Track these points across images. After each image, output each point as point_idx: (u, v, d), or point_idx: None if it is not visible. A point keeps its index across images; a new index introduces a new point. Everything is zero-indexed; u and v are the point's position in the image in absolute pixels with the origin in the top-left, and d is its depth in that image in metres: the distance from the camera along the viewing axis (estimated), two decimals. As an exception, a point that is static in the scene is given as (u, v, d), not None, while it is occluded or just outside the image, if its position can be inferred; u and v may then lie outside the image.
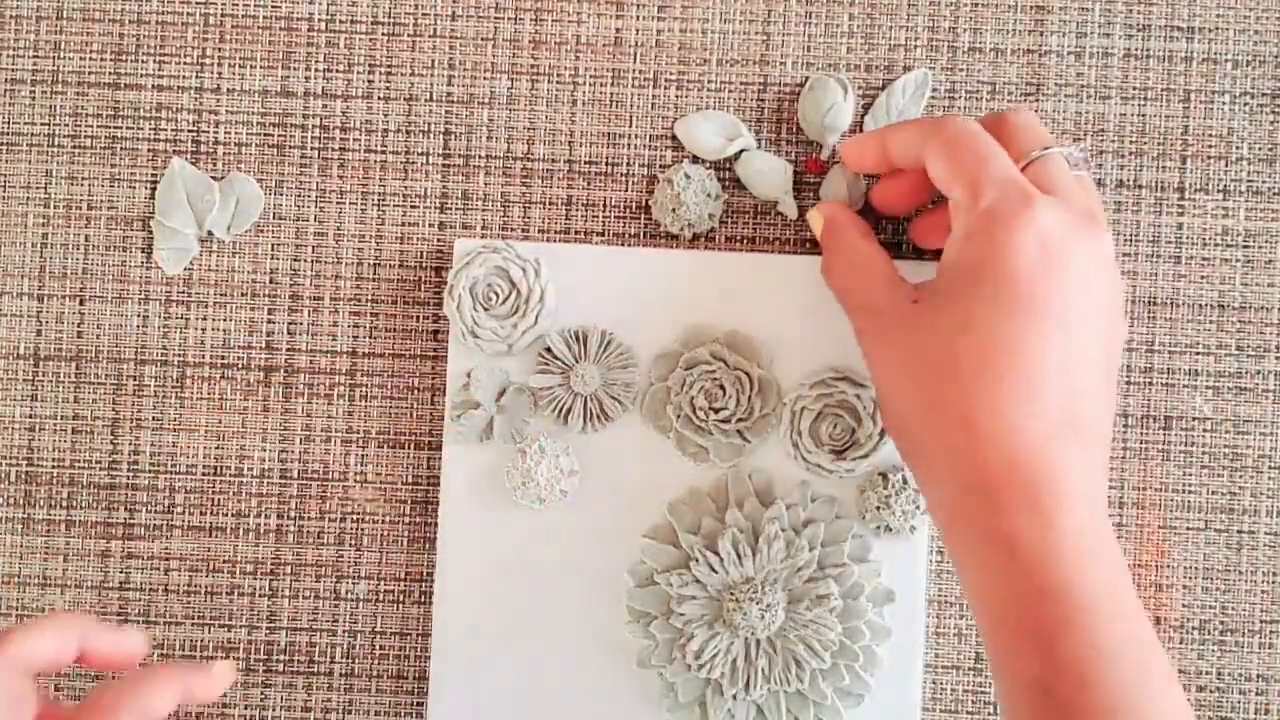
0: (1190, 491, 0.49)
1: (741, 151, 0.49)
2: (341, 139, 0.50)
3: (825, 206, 0.47)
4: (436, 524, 0.49)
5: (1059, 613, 0.38)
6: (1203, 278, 0.49)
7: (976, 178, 0.40)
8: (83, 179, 0.50)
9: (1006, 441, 0.39)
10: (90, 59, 0.51)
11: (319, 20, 0.50)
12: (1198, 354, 0.49)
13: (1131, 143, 0.50)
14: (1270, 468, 0.49)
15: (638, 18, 0.50)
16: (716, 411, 0.48)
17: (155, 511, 0.50)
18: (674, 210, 0.49)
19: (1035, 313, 0.39)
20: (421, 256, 0.50)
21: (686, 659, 0.47)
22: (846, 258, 0.45)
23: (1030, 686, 0.38)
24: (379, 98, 0.50)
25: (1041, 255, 0.39)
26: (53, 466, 0.50)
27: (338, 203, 0.50)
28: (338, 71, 0.50)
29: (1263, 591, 0.49)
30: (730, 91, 0.50)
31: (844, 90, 0.49)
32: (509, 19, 0.50)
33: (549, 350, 0.48)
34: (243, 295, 0.50)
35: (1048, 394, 0.39)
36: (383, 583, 0.50)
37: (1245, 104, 0.50)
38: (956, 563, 0.41)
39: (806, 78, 0.50)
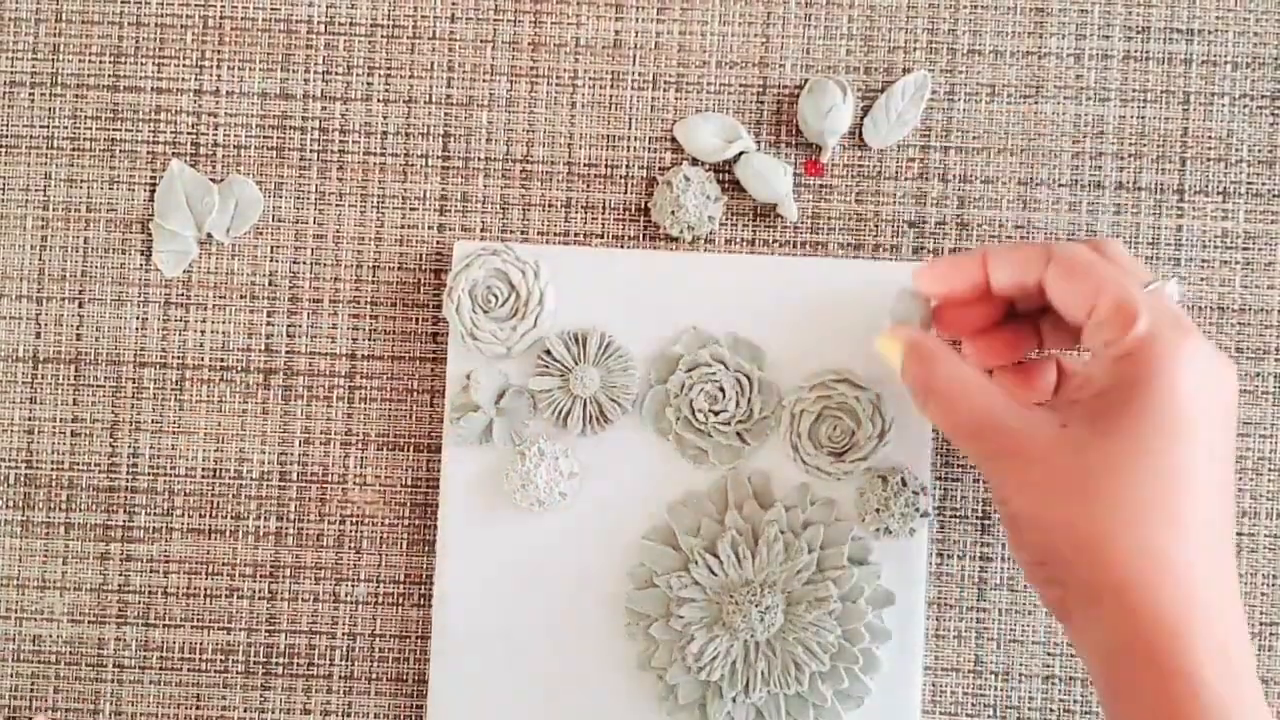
0: (1190, 494, 0.49)
1: (741, 154, 0.49)
2: (341, 141, 0.50)
3: (902, 332, 0.43)
4: (436, 526, 0.49)
5: None
6: (1202, 280, 0.49)
7: (1124, 301, 0.40)
8: (82, 181, 0.50)
9: (1185, 574, 0.38)
10: (89, 61, 0.51)
11: (318, 22, 0.50)
12: (1197, 356, 0.49)
13: (1131, 145, 0.50)
14: (1270, 470, 0.49)
15: (637, 20, 0.50)
16: (716, 414, 0.48)
17: (154, 514, 0.50)
18: (673, 212, 0.49)
19: (1198, 439, 0.39)
20: (421, 259, 0.50)
21: (686, 661, 0.47)
22: (954, 393, 0.42)
23: None
24: (378, 100, 0.50)
25: (1203, 384, 0.39)
26: (52, 469, 0.50)
27: (337, 205, 0.50)
28: (337, 74, 0.50)
29: (1262, 594, 0.49)
30: (729, 93, 0.50)
31: (843, 92, 0.49)
32: (508, 21, 0.50)
33: (548, 353, 0.48)
34: (242, 297, 0.50)
35: (1216, 520, 0.39)
36: (382, 585, 0.50)
37: (1245, 106, 0.50)
38: (1117, 711, 0.39)
39: (806, 79, 0.50)
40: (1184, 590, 0.38)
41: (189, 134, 0.50)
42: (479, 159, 0.50)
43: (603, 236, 0.50)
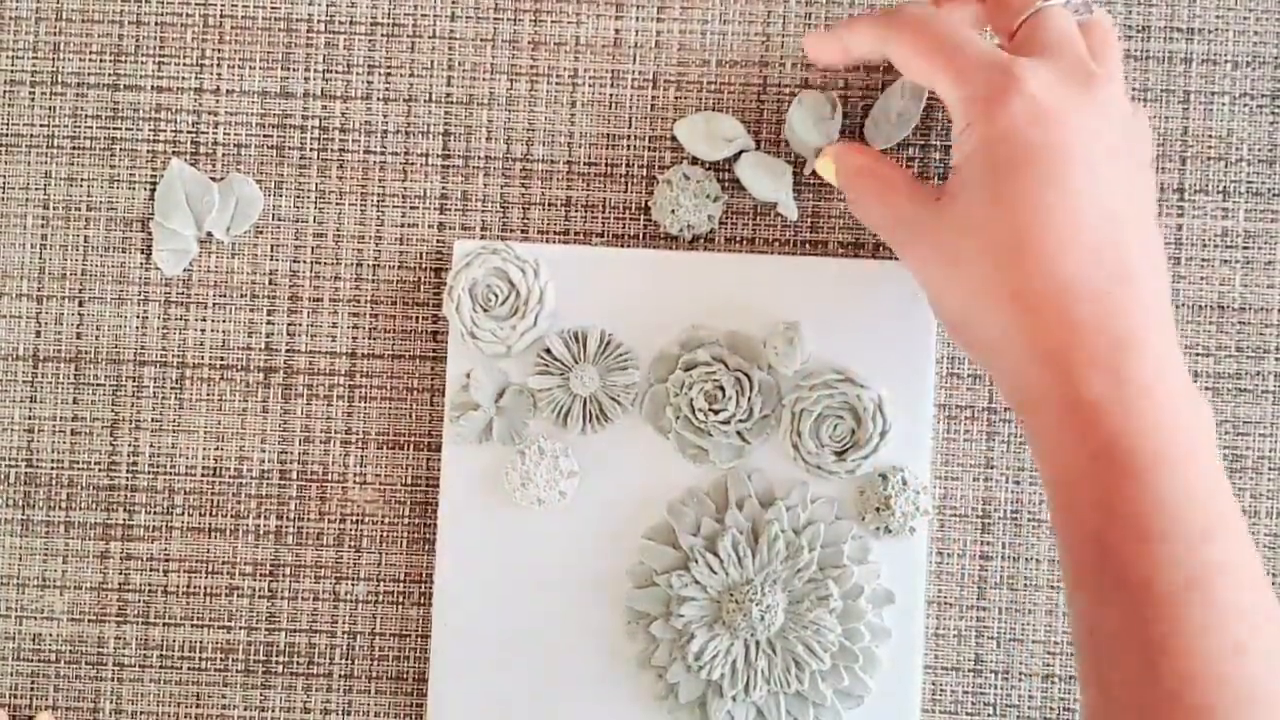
0: (1190, 493, 0.49)
1: (741, 152, 0.49)
2: (341, 140, 0.50)
3: (830, 149, 0.47)
4: (436, 525, 0.49)
5: (1122, 465, 0.37)
6: (1202, 279, 0.49)
7: (957, 69, 0.40)
8: (82, 180, 0.50)
9: (1059, 303, 0.38)
10: (90, 60, 0.51)
11: (318, 21, 0.50)
12: (1197, 355, 0.49)
13: (1131, 144, 0.50)
14: (1270, 469, 0.49)
15: (637, 19, 0.50)
16: (716, 413, 0.48)
17: (154, 513, 0.50)
18: (673, 211, 0.49)
19: (1051, 177, 0.39)
20: (421, 258, 0.50)
21: (686, 660, 0.47)
22: (867, 184, 0.45)
23: (1085, 542, 0.38)
24: (378, 99, 0.50)
25: (1038, 121, 0.39)
26: (52, 468, 0.50)
27: (337, 204, 0.50)
28: (337, 72, 0.50)
29: (1262, 593, 0.49)
30: (730, 93, 0.50)
31: (832, 108, 0.49)
32: (508, 20, 0.50)
33: (548, 351, 0.48)
34: (242, 296, 0.50)
35: (1087, 249, 0.39)
36: (382, 584, 0.50)
37: (1245, 105, 0.50)
38: (1031, 445, 0.40)
39: (805, 79, 0.50)
40: (1065, 315, 0.38)
41: (189, 133, 0.50)
42: (479, 158, 0.50)
43: (603, 235, 0.50)
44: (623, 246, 0.50)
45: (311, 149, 0.50)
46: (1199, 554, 0.37)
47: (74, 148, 0.50)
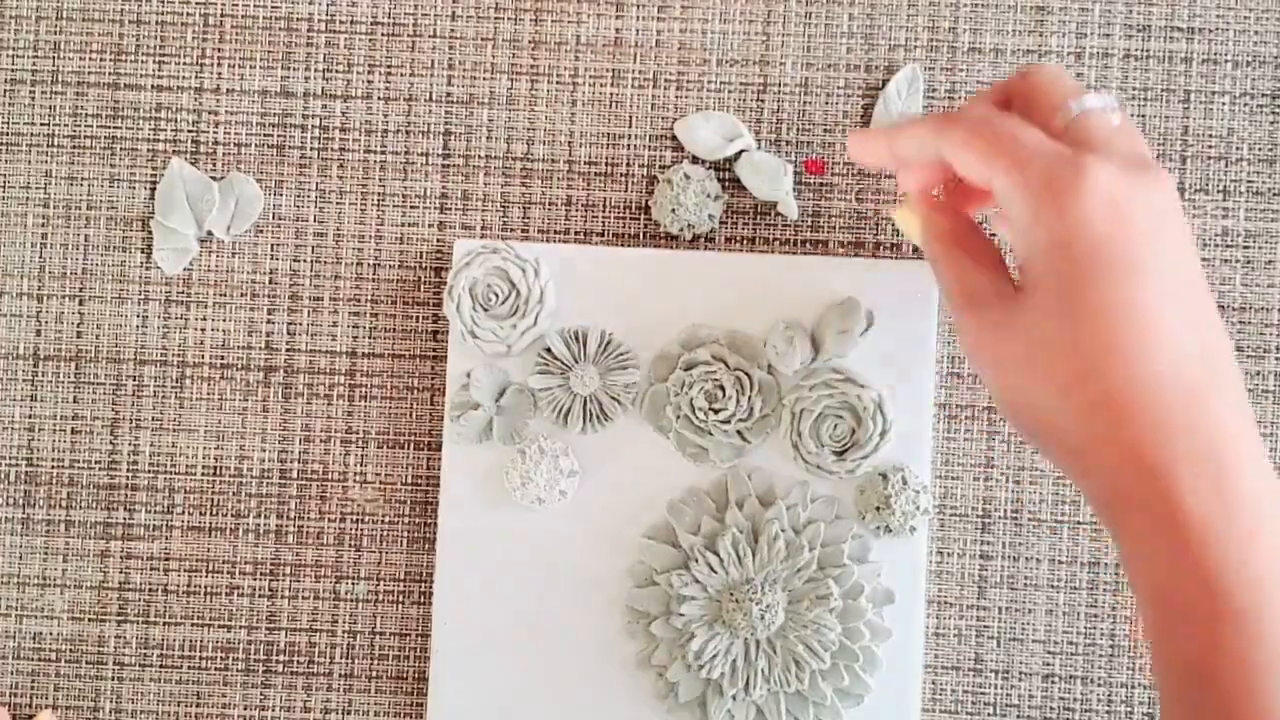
0: (1190, 492, 0.49)
1: (741, 152, 0.49)
2: (341, 139, 0.50)
3: (916, 203, 0.44)
4: (436, 524, 0.49)
5: (1225, 591, 0.36)
6: (1203, 278, 0.49)
7: (1016, 160, 0.38)
8: (82, 179, 0.50)
9: (1153, 407, 0.37)
10: (90, 59, 0.51)
11: (319, 20, 0.50)
12: (1198, 354, 0.49)
13: (1131, 143, 0.50)
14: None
15: (637, 18, 0.50)
16: (716, 412, 0.48)
17: (155, 512, 0.50)
18: (674, 210, 0.49)
19: (1132, 273, 0.37)
20: (421, 257, 0.50)
21: (686, 659, 0.47)
22: (953, 255, 0.42)
23: (1186, 668, 0.36)
24: (379, 98, 0.50)
25: (1114, 214, 0.37)
26: (52, 467, 0.50)
27: (337, 203, 0.50)
28: (337, 72, 0.50)
29: (1262, 592, 0.49)
30: (730, 92, 0.50)
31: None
32: (509, 19, 0.50)
33: (548, 351, 0.48)
34: (242, 295, 0.50)
35: (1176, 348, 0.37)
36: (382, 583, 0.50)
37: (1245, 104, 0.50)
38: (1122, 553, 0.38)
39: (805, 79, 0.50)
40: (1156, 414, 0.37)
41: (189, 132, 0.50)
42: (479, 157, 0.50)
43: (603, 235, 0.50)
44: (623, 246, 0.50)
45: (312, 148, 0.50)
46: None
47: (74, 147, 0.50)
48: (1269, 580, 0.36)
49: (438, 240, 0.50)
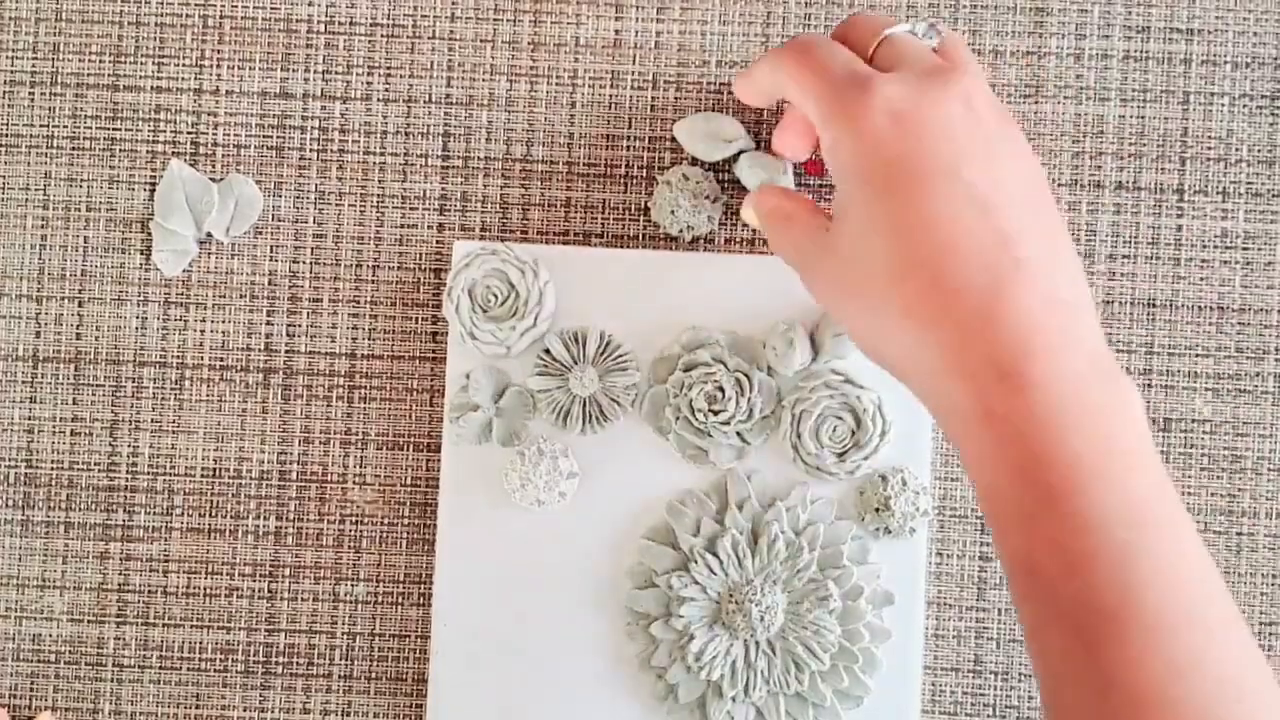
0: (1189, 494, 0.49)
1: (740, 153, 0.49)
2: (340, 141, 0.50)
3: (751, 196, 0.46)
4: (435, 526, 0.49)
5: (1042, 484, 0.35)
6: (1202, 280, 0.49)
7: (821, 86, 0.39)
8: (81, 180, 0.50)
9: (952, 312, 0.37)
10: (89, 60, 0.51)
11: (318, 22, 0.50)
12: (1197, 356, 0.49)
13: (1131, 145, 0.50)
14: (1270, 470, 0.49)
15: (637, 19, 0.50)
16: (716, 413, 0.48)
17: (154, 513, 0.50)
18: (673, 212, 0.49)
19: (921, 179, 0.37)
20: (420, 258, 0.50)
21: (686, 661, 0.47)
22: (774, 223, 0.44)
23: (1017, 571, 0.36)
24: (378, 99, 0.50)
25: (896, 126, 0.38)
26: (51, 468, 0.50)
27: (337, 204, 0.50)
28: (337, 73, 0.50)
29: (1262, 594, 0.49)
30: (729, 93, 0.50)
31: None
32: (508, 21, 0.50)
33: (548, 352, 0.48)
34: (241, 297, 0.50)
35: (970, 251, 0.37)
36: (381, 584, 0.50)
37: (1245, 106, 0.50)
38: (963, 461, 0.39)
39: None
40: (960, 326, 0.37)
41: (189, 133, 0.50)
42: (479, 158, 0.50)
43: (602, 236, 0.50)
44: (622, 247, 0.50)
45: (311, 150, 0.50)
46: (1129, 571, 0.35)
47: (74, 148, 0.50)
48: (1080, 456, 0.36)
49: (437, 242, 0.50)
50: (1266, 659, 0.45)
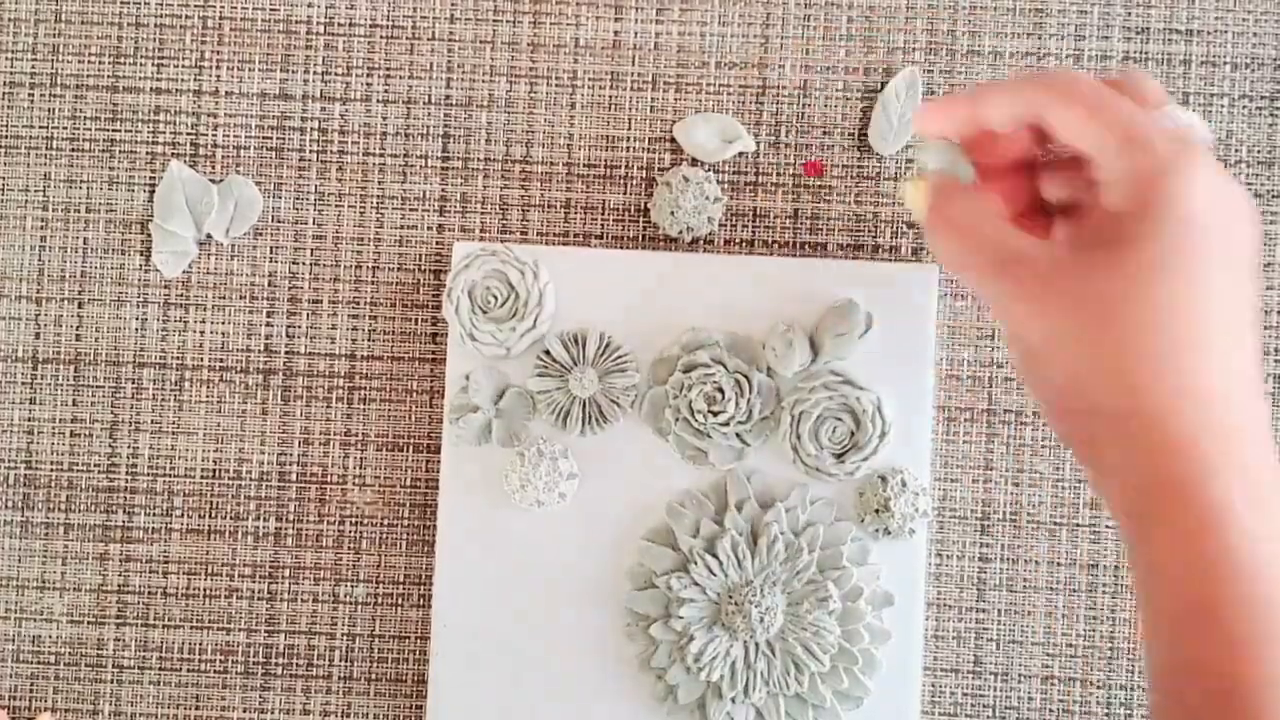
0: (1189, 494, 0.49)
1: (740, 154, 0.49)
2: (340, 142, 0.50)
3: (926, 175, 0.42)
4: (435, 527, 0.49)
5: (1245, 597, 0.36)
6: (1202, 280, 0.49)
7: (1133, 129, 0.38)
8: (81, 182, 0.50)
9: (1208, 397, 0.37)
10: (89, 62, 0.51)
11: (317, 23, 0.50)
12: (1197, 357, 0.49)
13: (1130, 145, 0.50)
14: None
15: (636, 21, 0.50)
16: (715, 414, 0.48)
17: (154, 514, 0.50)
18: (673, 213, 0.49)
19: (1214, 257, 0.37)
20: (420, 259, 0.50)
21: (686, 662, 0.47)
22: (961, 215, 0.40)
23: (1215, 696, 0.36)
24: (378, 100, 0.50)
25: (1214, 202, 0.37)
26: (51, 469, 0.50)
27: (336, 205, 0.50)
28: (336, 74, 0.50)
29: (1262, 594, 0.49)
30: (729, 94, 0.50)
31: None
32: (508, 22, 0.50)
33: (548, 353, 0.48)
34: (241, 298, 0.50)
35: (1242, 342, 0.38)
36: (381, 585, 0.50)
37: (1244, 107, 0.50)
38: (1137, 558, 0.38)
39: (805, 81, 0.50)
40: (1212, 415, 0.37)
41: (188, 135, 0.50)
42: (478, 160, 0.50)
43: (602, 237, 0.50)
44: (622, 248, 0.50)
45: (311, 151, 0.50)
46: None
47: (73, 150, 0.50)
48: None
49: (437, 243, 0.50)
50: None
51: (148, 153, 0.50)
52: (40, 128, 0.51)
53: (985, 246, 0.40)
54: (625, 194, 0.50)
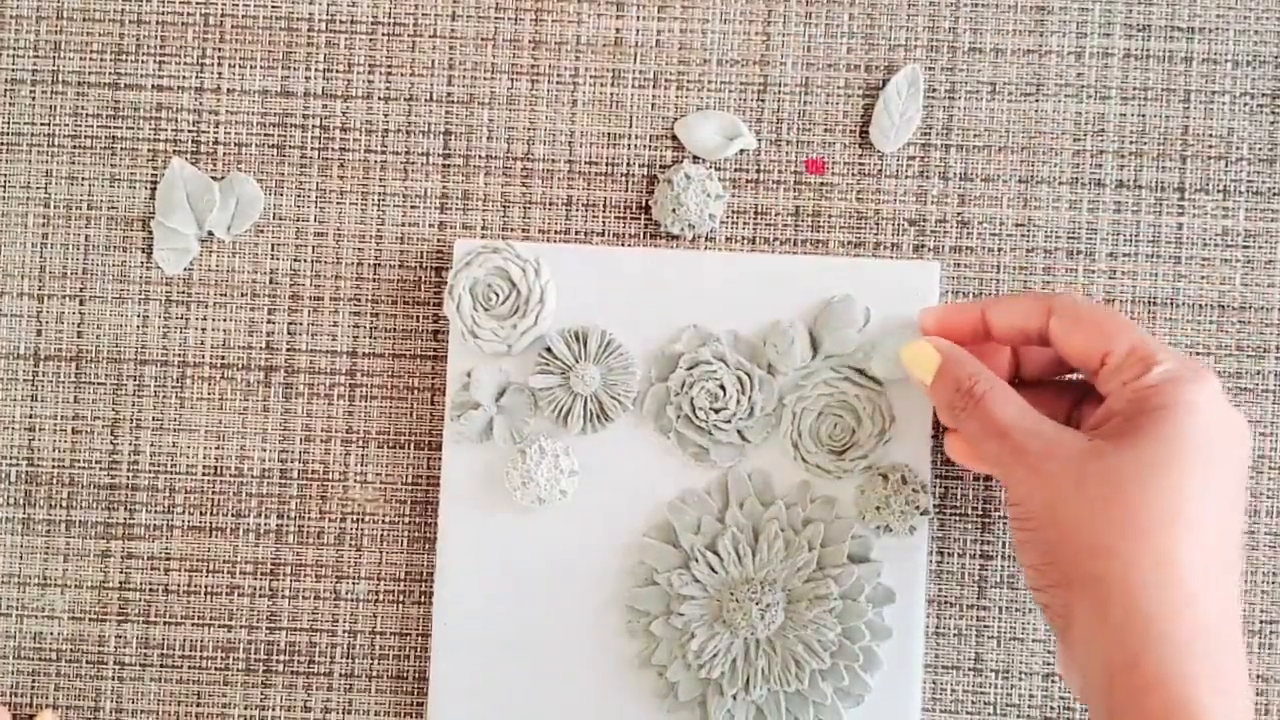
0: (1190, 492, 0.49)
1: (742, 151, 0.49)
2: (341, 139, 0.50)
3: (935, 342, 0.45)
4: (436, 524, 0.49)
5: None
6: (1203, 278, 0.49)
7: (1142, 346, 0.41)
8: (83, 179, 0.50)
9: (1203, 592, 0.39)
10: (90, 59, 0.51)
11: (319, 20, 0.50)
12: (1198, 354, 0.49)
13: (1131, 143, 0.50)
14: (1271, 468, 0.49)
15: (638, 18, 0.50)
16: (717, 411, 0.48)
17: (155, 512, 0.50)
18: (674, 210, 0.49)
19: (1214, 464, 0.40)
20: (421, 257, 0.50)
21: (686, 659, 0.47)
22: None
23: None
24: (379, 98, 0.50)
25: (1218, 422, 0.40)
26: (53, 467, 0.50)
27: (338, 203, 0.50)
28: (338, 71, 0.50)
29: (1263, 591, 0.49)
30: (730, 91, 0.50)
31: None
32: (509, 19, 0.50)
33: (549, 350, 0.48)
34: (243, 295, 0.50)
35: (1231, 544, 0.40)
36: (382, 583, 0.50)
37: (1245, 104, 0.50)
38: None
39: (806, 79, 0.50)
40: (1195, 609, 0.38)
41: (190, 132, 0.50)
42: (480, 157, 0.50)
43: (603, 234, 0.50)
44: (624, 246, 0.50)
45: (312, 148, 0.50)
46: None
47: (75, 147, 0.51)
48: None
49: (438, 240, 0.50)
50: (1266, 657, 0.45)
51: (149, 150, 0.50)
52: (42, 125, 0.51)
53: (1003, 417, 0.42)
54: (626, 191, 0.50)
